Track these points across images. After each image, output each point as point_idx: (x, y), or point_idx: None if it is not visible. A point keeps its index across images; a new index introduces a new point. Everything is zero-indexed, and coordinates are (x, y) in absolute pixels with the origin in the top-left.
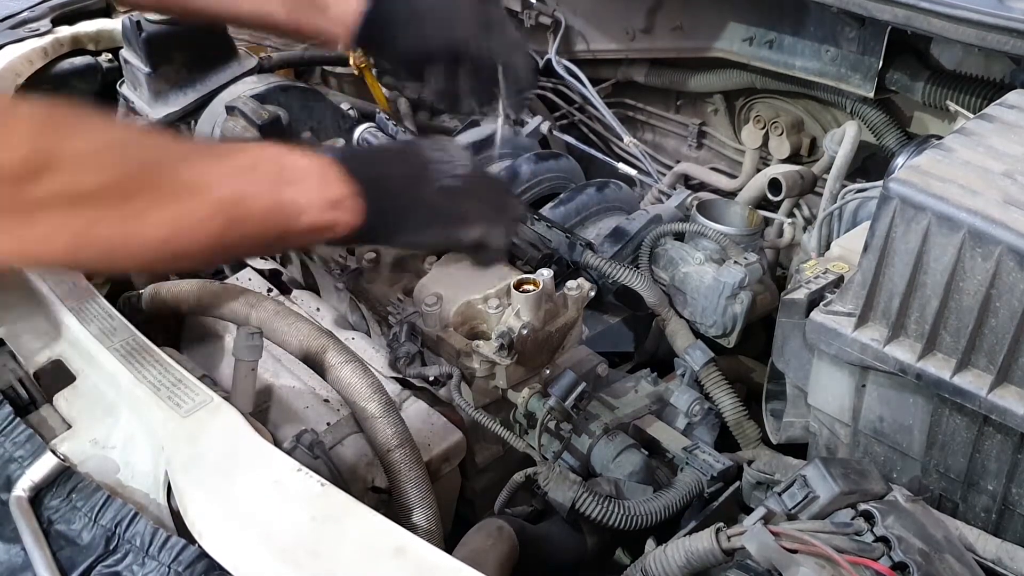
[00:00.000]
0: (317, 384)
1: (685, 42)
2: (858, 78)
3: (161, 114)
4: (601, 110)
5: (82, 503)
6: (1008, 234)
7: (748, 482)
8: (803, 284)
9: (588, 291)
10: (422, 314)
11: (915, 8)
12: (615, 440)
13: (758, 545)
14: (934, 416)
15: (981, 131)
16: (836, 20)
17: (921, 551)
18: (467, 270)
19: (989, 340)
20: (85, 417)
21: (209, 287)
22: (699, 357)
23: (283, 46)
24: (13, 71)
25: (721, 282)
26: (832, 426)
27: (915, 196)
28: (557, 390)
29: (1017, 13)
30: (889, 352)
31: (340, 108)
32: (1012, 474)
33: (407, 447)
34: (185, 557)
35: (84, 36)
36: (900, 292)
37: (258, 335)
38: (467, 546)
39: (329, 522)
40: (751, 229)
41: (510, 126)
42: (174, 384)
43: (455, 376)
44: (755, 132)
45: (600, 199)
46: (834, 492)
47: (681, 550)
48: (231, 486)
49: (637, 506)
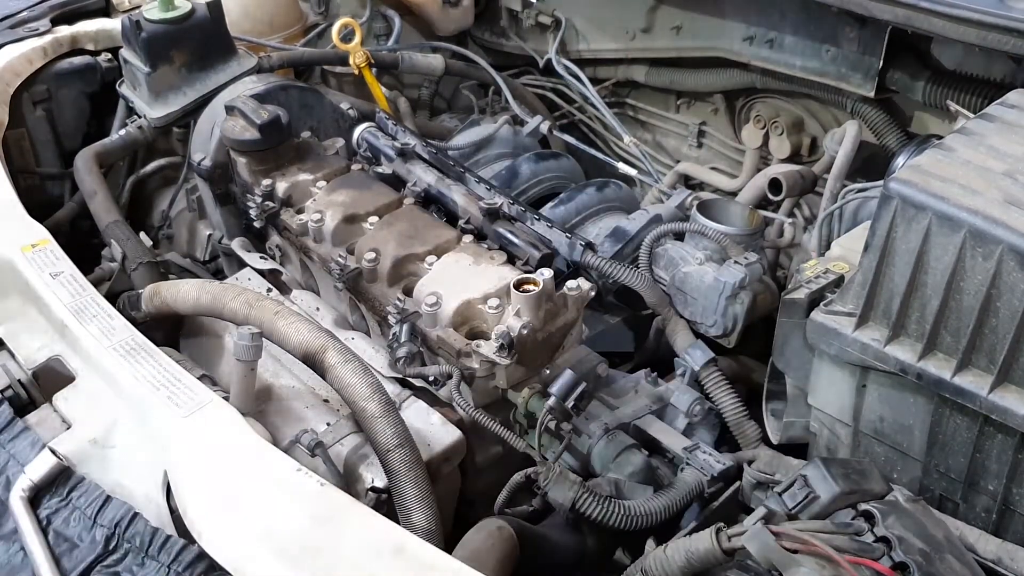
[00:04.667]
0: (317, 384)
1: (685, 42)
2: (858, 78)
3: (161, 114)
4: (601, 110)
5: (82, 503)
6: (1009, 234)
7: (748, 482)
8: (803, 284)
9: (588, 291)
10: (422, 314)
11: (916, 8)
12: (615, 440)
13: (758, 545)
14: (935, 416)
15: (981, 131)
16: (836, 20)
17: (922, 551)
18: (467, 270)
19: (990, 340)
20: (84, 417)
21: (209, 287)
22: (699, 357)
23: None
24: (13, 71)
25: (721, 282)
26: (832, 426)
27: (916, 196)
28: (557, 390)
29: (1017, 13)
30: (890, 352)
31: (340, 108)
32: (1013, 474)
33: (407, 447)
34: (185, 557)
35: (83, 36)
36: (900, 292)
37: (258, 335)
38: (467, 546)
39: (329, 522)
40: (751, 229)
41: (510, 126)
42: (174, 384)
43: (455, 376)
44: (755, 132)
45: (600, 199)
46: (835, 492)
47: (681, 550)
48: (231, 486)
49: (637, 506)
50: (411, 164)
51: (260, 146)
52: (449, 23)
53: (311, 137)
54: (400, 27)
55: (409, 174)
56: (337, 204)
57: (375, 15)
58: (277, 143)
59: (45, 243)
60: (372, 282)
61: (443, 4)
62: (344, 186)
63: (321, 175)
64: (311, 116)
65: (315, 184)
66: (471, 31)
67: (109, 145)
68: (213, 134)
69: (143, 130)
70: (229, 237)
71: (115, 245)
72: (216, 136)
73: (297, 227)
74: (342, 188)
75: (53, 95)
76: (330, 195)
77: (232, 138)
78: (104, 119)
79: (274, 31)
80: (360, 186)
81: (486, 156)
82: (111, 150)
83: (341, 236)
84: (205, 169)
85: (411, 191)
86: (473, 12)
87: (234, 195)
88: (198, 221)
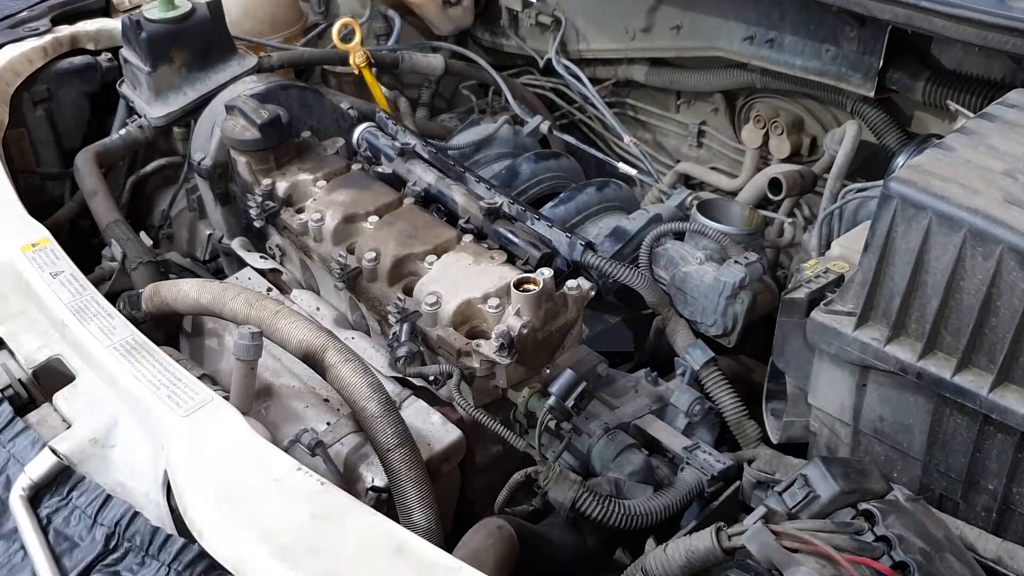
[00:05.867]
0: (317, 384)
1: (685, 42)
2: (858, 77)
3: (161, 113)
4: (601, 110)
5: (82, 502)
6: (1009, 233)
7: (748, 482)
8: (803, 284)
9: (588, 291)
10: (422, 314)
11: (916, 7)
12: (615, 440)
13: (759, 544)
14: (935, 415)
15: (982, 130)
16: (836, 20)
17: (922, 550)
18: (467, 269)
19: (990, 339)
20: (85, 416)
21: (209, 287)
22: (699, 357)
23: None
24: (13, 70)
25: (721, 282)
26: (833, 425)
27: (915, 195)
28: (557, 390)
29: (1017, 13)
30: (890, 351)
31: (340, 108)
32: (1013, 473)
33: (407, 447)
34: (185, 556)
35: (83, 35)
36: (901, 291)
37: (258, 335)
38: (467, 546)
39: (329, 521)
40: (751, 228)
41: (510, 126)
42: (174, 384)
43: (455, 376)
44: (755, 131)
45: (600, 198)
46: (835, 491)
47: (681, 549)
48: (231, 485)
49: (637, 506)
50: (411, 164)
51: (260, 146)
52: (449, 23)
53: (311, 137)
54: (400, 27)
55: (409, 174)
56: (337, 204)
57: (375, 15)
58: (277, 143)
59: (45, 243)
60: (372, 281)
61: (443, 4)
62: (344, 186)
63: (321, 175)
64: (311, 116)
65: (315, 184)
66: (471, 31)
67: (109, 145)
68: (213, 134)
69: (143, 130)
70: (229, 237)
71: (115, 245)
72: (216, 136)
73: (297, 227)
74: (342, 188)
75: (53, 95)
76: (330, 195)
77: (232, 138)
78: (104, 119)
79: (274, 31)
80: (360, 186)
81: (486, 156)
82: (111, 150)
83: (341, 236)
84: (205, 169)
85: (411, 191)
86: (473, 12)
87: (234, 195)
88: (198, 221)
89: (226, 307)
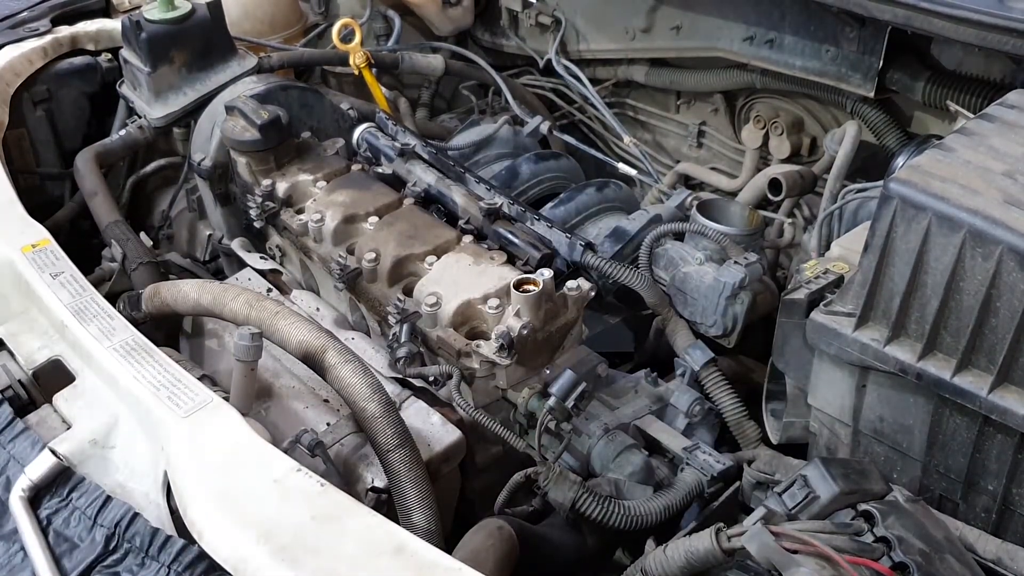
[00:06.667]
0: (317, 385)
1: (685, 42)
2: (858, 78)
3: (161, 114)
4: (601, 110)
5: (82, 503)
6: (1008, 234)
7: (748, 482)
8: (803, 284)
9: (588, 291)
10: (422, 315)
11: (915, 8)
12: (615, 440)
13: (758, 545)
14: (934, 416)
15: (981, 131)
16: (836, 20)
17: (921, 551)
18: (467, 270)
19: (989, 340)
20: (84, 417)
21: (209, 287)
22: (699, 357)
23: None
24: (13, 71)
25: (721, 282)
26: (832, 426)
27: (915, 196)
28: (557, 390)
29: (1017, 13)
30: (889, 352)
31: (340, 108)
32: (1013, 474)
33: (407, 447)
34: (185, 557)
35: (84, 36)
36: (900, 292)
37: (258, 335)
38: (467, 546)
39: (329, 521)
40: (751, 229)
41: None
42: (174, 384)
43: (455, 376)
44: (755, 132)
45: (600, 199)
46: (834, 492)
47: (681, 550)
48: (231, 486)
49: (637, 506)
50: (411, 164)
51: (260, 146)
52: (449, 23)
53: (311, 137)
54: (400, 27)
55: (409, 174)
56: (337, 204)
57: (375, 15)
58: (277, 143)
59: (45, 243)
60: (372, 282)
61: (443, 4)
62: (344, 186)
63: (321, 175)
64: (311, 116)
65: (315, 184)
66: (471, 31)
67: (109, 145)
68: (213, 134)
69: (143, 130)
70: (229, 237)
71: (115, 245)
72: (216, 136)
73: (297, 227)
74: (342, 188)
75: (53, 95)
76: (330, 195)
77: (232, 138)
78: (104, 119)
79: (274, 31)
80: (360, 186)
81: (486, 156)
82: (111, 150)
83: (341, 236)
84: (205, 169)
85: (411, 191)
86: (473, 12)
87: (234, 195)
88: (198, 221)
89: (226, 308)
